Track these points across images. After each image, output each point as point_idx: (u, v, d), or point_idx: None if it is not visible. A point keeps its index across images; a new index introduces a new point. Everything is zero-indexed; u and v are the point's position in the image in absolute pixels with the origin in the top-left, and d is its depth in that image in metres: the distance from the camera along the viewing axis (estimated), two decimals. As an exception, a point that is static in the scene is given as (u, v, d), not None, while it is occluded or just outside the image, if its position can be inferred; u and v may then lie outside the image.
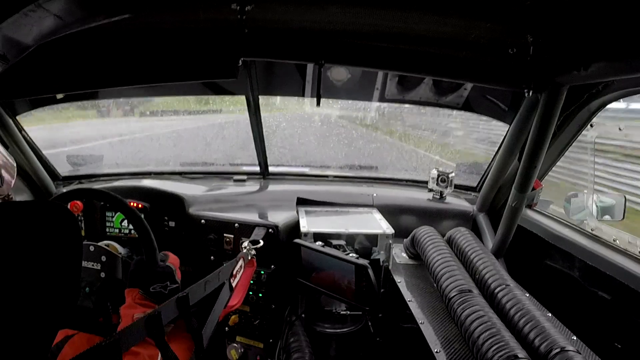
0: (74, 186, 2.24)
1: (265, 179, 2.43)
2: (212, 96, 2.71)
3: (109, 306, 1.25)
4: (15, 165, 1.09)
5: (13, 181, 1.07)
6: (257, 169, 2.42)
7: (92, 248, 1.31)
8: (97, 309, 1.27)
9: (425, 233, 1.75)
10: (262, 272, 1.79)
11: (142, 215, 1.22)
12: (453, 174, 2.12)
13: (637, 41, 0.92)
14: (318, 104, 1.51)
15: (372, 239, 1.77)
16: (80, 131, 2.97)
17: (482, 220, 2.04)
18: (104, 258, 1.30)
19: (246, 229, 1.81)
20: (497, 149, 1.98)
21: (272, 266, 1.80)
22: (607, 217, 1.56)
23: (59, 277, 0.62)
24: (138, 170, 2.44)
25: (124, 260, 1.32)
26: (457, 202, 2.17)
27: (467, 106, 2.02)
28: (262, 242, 1.55)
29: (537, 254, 1.77)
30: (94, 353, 0.75)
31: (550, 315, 1.31)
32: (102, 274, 1.29)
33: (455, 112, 2.11)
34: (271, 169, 2.43)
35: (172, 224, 1.95)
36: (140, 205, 1.88)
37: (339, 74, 1.94)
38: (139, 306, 1.08)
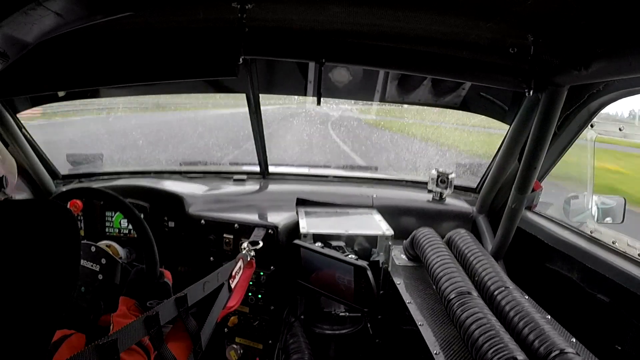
0: (73, 185, 2.24)
1: (265, 178, 2.42)
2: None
3: (102, 305, 1.25)
4: (15, 165, 1.10)
5: (15, 182, 1.07)
6: (257, 168, 2.41)
7: (93, 249, 1.31)
8: (91, 309, 1.27)
9: (425, 235, 1.74)
10: (262, 273, 1.79)
11: (142, 215, 1.21)
12: (453, 175, 2.12)
13: (638, 41, 0.92)
14: (319, 102, 1.51)
15: (372, 240, 1.77)
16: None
17: (482, 221, 2.04)
18: (103, 261, 1.30)
19: (246, 229, 1.81)
20: (497, 149, 1.98)
21: (272, 267, 1.79)
22: (608, 219, 1.56)
23: (57, 275, 0.62)
24: (138, 170, 2.44)
25: (124, 267, 1.32)
26: (456, 203, 2.17)
27: (468, 106, 2.02)
28: (261, 243, 1.54)
29: (537, 256, 1.76)
30: (91, 353, 0.75)
31: (549, 317, 1.31)
32: (100, 276, 1.29)
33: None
34: (271, 168, 2.43)
35: (171, 224, 1.94)
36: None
37: (340, 75, 1.94)
38: (133, 317, 1.08)
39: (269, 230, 1.78)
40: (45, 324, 0.60)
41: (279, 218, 1.87)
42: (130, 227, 1.91)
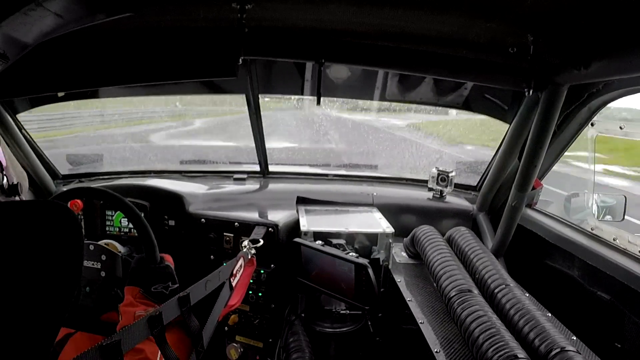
0: (73, 185, 2.24)
1: (265, 177, 2.43)
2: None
3: (120, 293, 1.25)
4: (25, 173, 1.10)
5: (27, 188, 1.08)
6: (257, 167, 2.41)
7: (91, 247, 1.31)
8: (98, 308, 1.27)
9: (425, 232, 1.75)
10: (262, 272, 1.79)
11: (142, 214, 1.22)
12: (453, 173, 2.12)
13: (637, 40, 0.92)
14: (318, 102, 1.51)
15: (372, 238, 1.77)
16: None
17: (482, 219, 2.04)
18: (103, 257, 1.30)
19: (246, 228, 1.81)
20: (497, 148, 1.98)
21: (272, 265, 1.80)
22: (608, 217, 1.56)
23: (61, 276, 0.62)
24: (138, 169, 2.44)
25: (124, 259, 1.33)
26: (457, 201, 2.17)
27: (468, 105, 2.02)
28: (262, 241, 1.54)
29: (537, 253, 1.77)
30: (95, 353, 0.75)
31: (550, 315, 1.31)
32: (102, 273, 1.29)
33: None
34: (271, 167, 2.43)
35: (172, 222, 1.94)
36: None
37: (338, 72, 1.94)
38: (140, 304, 1.08)
39: (270, 229, 1.78)
40: (49, 324, 0.60)
41: (279, 216, 1.88)
42: (130, 225, 1.91)
